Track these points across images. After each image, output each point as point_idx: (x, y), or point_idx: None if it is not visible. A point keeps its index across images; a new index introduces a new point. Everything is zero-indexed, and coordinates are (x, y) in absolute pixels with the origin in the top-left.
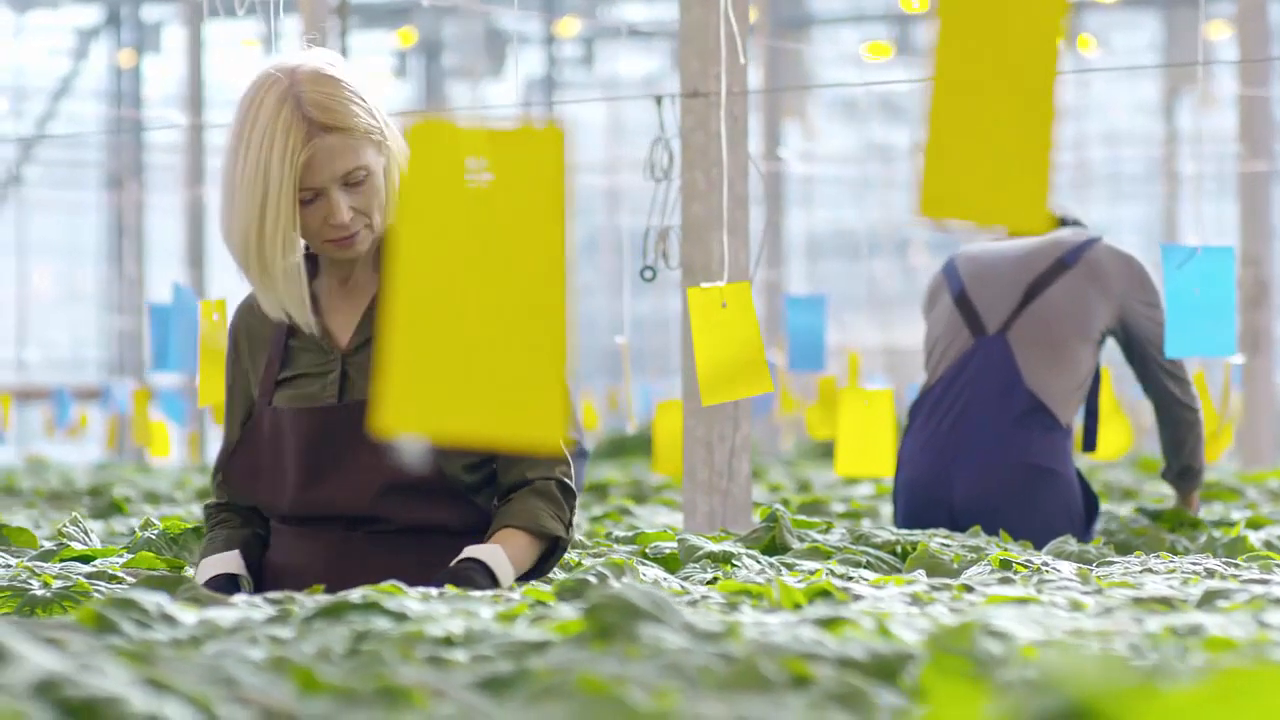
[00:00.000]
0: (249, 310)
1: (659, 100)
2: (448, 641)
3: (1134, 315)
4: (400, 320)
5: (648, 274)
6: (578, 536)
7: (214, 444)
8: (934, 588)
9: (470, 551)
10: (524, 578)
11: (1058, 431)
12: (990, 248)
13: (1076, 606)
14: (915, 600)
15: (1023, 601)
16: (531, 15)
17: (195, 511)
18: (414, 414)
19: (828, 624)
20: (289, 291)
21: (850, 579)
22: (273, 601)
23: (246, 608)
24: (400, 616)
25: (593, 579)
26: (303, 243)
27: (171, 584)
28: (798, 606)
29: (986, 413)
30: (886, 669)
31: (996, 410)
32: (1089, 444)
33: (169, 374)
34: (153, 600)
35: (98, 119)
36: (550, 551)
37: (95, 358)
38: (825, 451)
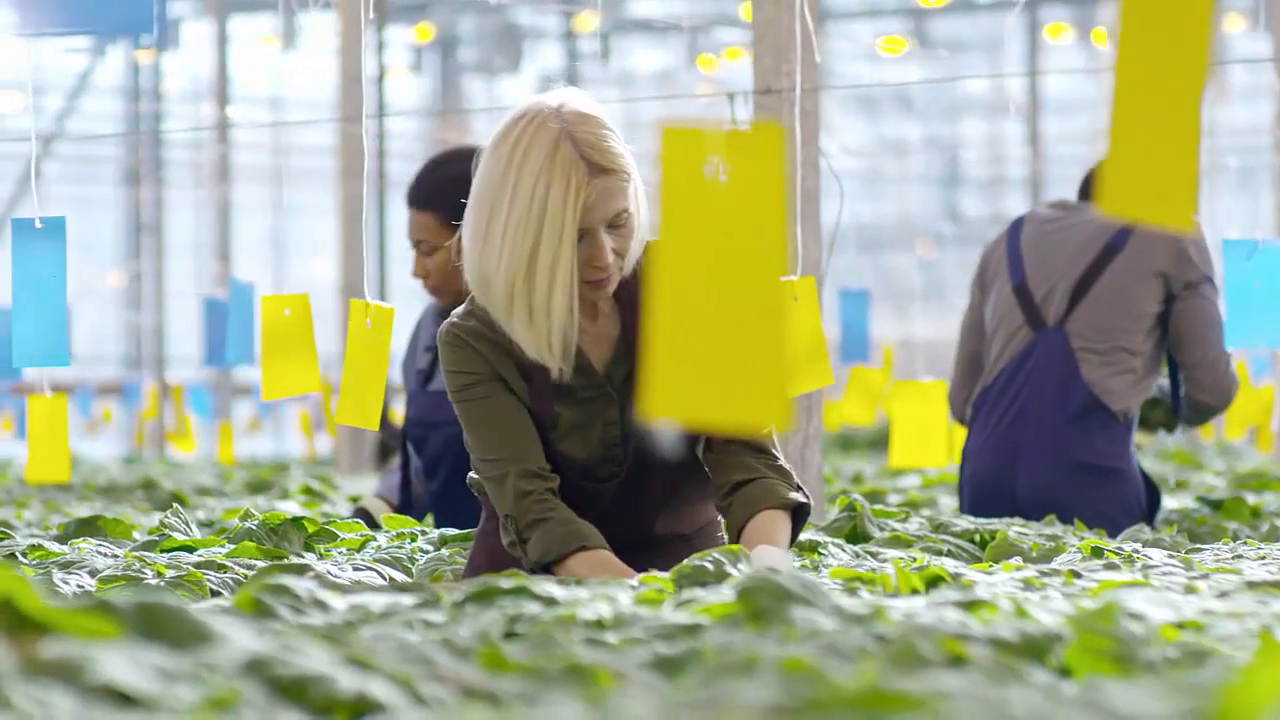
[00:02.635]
0: (481, 335)
1: (731, 97)
2: (599, 625)
3: (1175, 300)
4: (662, 313)
5: None
6: None
7: (242, 440)
8: (1043, 573)
9: (764, 557)
10: None
11: (1117, 428)
12: (1051, 229)
13: (1190, 590)
14: (1028, 585)
15: (1135, 586)
16: (548, 10)
17: (261, 503)
18: (675, 401)
19: (968, 606)
20: (558, 332)
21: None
22: (404, 588)
23: (393, 593)
24: (550, 601)
25: (709, 565)
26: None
27: (295, 571)
28: (915, 591)
29: (1045, 410)
30: (1036, 649)
31: (1055, 408)
32: (1176, 407)
33: (225, 368)
34: (304, 586)
35: (116, 116)
36: (796, 520)
37: (113, 353)
38: (845, 443)
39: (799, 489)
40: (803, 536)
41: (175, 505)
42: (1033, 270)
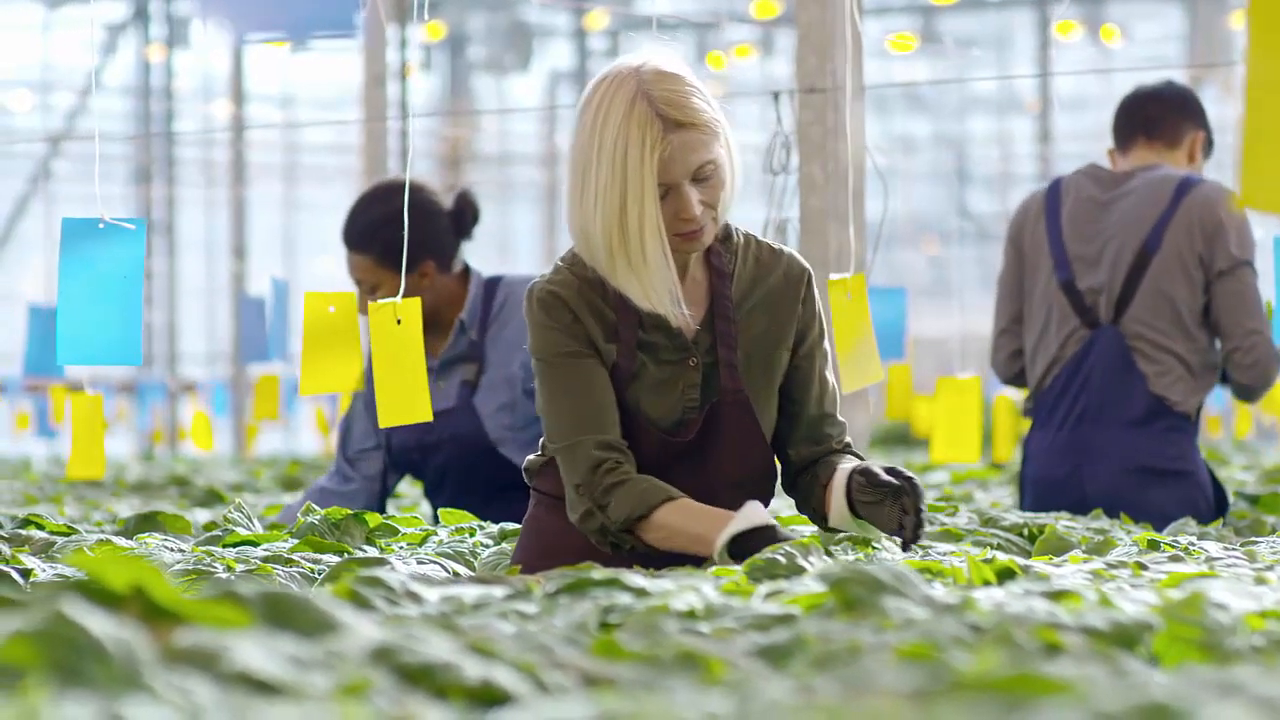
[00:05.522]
0: (579, 292)
1: (776, 96)
2: (692, 615)
3: (1212, 287)
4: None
5: None
6: None
7: (264, 437)
8: (1110, 565)
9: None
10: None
11: (1184, 429)
12: (1091, 215)
13: (1261, 581)
14: (1096, 577)
15: (1206, 577)
16: (558, 8)
17: (301, 496)
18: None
19: (1054, 596)
20: (660, 282)
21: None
22: (480, 581)
23: (482, 586)
24: (640, 592)
25: (781, 559)
26: None
27: (374, 565)
28: (987, 583)
29: (1108, 414)
30: (1126, 637)
31: (1119, 412)
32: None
33: (267, 364)
34: (397, 578)
35: (126, 114)
36: None
37: None
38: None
39: None
40: (854, 530)
41: (238, 501)
42: (1078, 264)
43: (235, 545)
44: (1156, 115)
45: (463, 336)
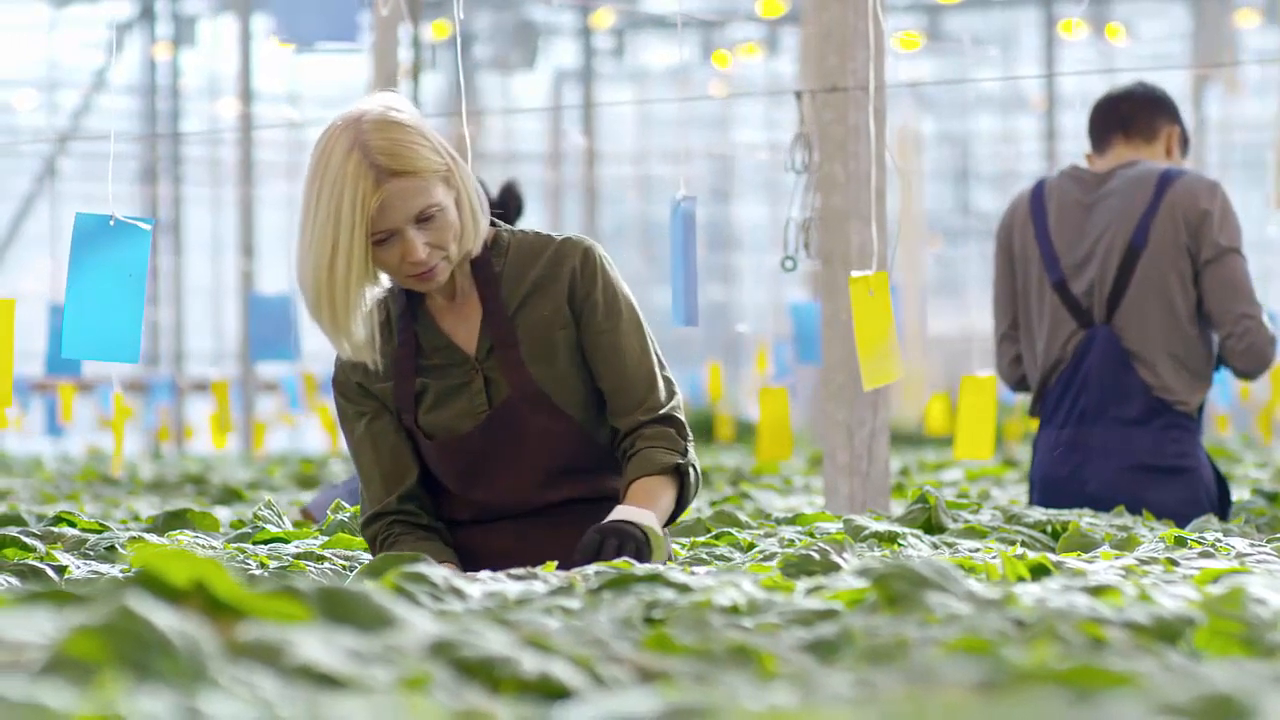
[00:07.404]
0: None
1: (798, 95)
2: (735, 610)
3: (1200, 277)
4: None
5: (789, 264)
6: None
7: (271, 436)
8: (1141, 561)
9: (619, 514)
10: (675, 512)
11: (1184, 426)
12: (1076, 217)
13: None
14: (1129, 573)
15: (1239, 573)
16: (563, 7)
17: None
18: None
19: (1094, 591)
20: (355, 332)
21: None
22: (518, 577)
23: (524, 581)
24: (683, 588)
25: (815, 555)
26: (384, 277)
27: (410, 562)
28: (1021, 579)
29: (1108, 414)
30: (1169, 632)
31: (1117, 410)
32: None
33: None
34: (439, 574)
35: (132, 113)
36: (682, 480)
37: None
38: None
39: (684, 453)
40: (880, 527)
41: (269, 499)
42: (1068, 265)
43: (266, 542)
44: (1130, 112)
45: None
